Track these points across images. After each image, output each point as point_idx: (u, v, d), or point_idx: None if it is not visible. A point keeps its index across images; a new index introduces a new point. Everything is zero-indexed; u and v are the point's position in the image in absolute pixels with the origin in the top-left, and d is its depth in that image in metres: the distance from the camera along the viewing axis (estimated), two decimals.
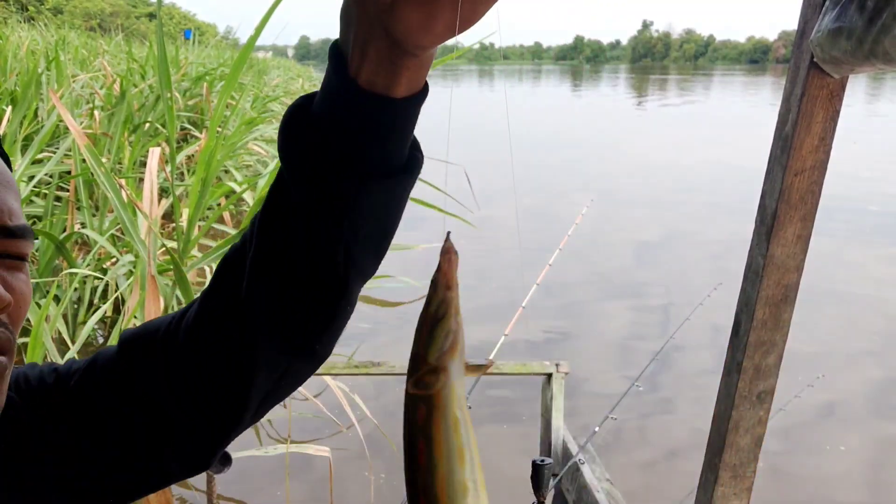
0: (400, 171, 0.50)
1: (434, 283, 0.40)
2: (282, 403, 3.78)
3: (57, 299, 3.84)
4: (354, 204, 0.49)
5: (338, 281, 0.52)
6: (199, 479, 3.04)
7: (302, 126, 0.49)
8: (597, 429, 2.30)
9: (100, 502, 0.59)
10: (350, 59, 0.46)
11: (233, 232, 4.14)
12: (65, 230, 4.56)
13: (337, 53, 0.47)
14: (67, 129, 4.32)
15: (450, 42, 0.46)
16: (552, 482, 2.42)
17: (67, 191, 4.92)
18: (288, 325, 0.54)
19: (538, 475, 1.55)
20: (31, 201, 4.90)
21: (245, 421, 0.59)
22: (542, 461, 1.55)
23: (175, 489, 3.13)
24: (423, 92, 0.48)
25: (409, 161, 0.51)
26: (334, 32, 0.48)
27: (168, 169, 4.51)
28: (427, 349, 0.39)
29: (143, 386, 0.57)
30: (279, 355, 0.55)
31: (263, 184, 4.81)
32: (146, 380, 0.57)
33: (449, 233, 0.41)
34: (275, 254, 0.52)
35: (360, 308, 5.47)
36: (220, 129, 5.63)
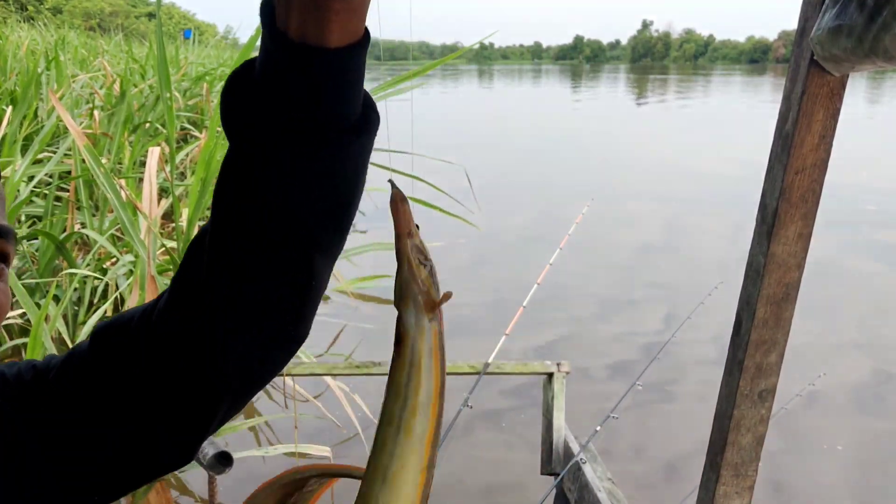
0: (348, 132, 0.47)
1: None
2: (283, 405, 3.79)
3: (56, 299, 3.84)
4: (302, 170, 0.46)
5: (300, 260, 0.50)
6: (201, 481, 3.04)
7: (242, 90, 0.47)
8: (598, 428, 2.30)
9: (87, 498, 0.57)
10: (277, 11, 0.44)
11: None
12: (65, 230, 4.56)
13: (267, 7, 0.45)
14: (67, 129, 4.32)
15: (449, 41, 0.45)
16: (554, 481, 2.42)
17: (67, 191, 4.92)
18: (253, 309, 0.51)
19: None
20: (32, 201, 4.90)
21: (224, 409, 0.56)
22: None
23: (175, 492, 3.13)
24: (363, 42, 0.45)
25: (361, 121, 0.48)
26: None
27: (168, 169, 4.51)
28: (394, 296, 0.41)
29: (119, 377, 0.55)
30: (249, 341, 0.53)
31: None
32: (121, 371, 0.55)
33: (391, 181, 0.41)
34: (231, 233, 0.49)
35: (361, 307, 5.48)
36: (219, 129, 5.63)
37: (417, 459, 0.40)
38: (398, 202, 0.40)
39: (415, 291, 0.40)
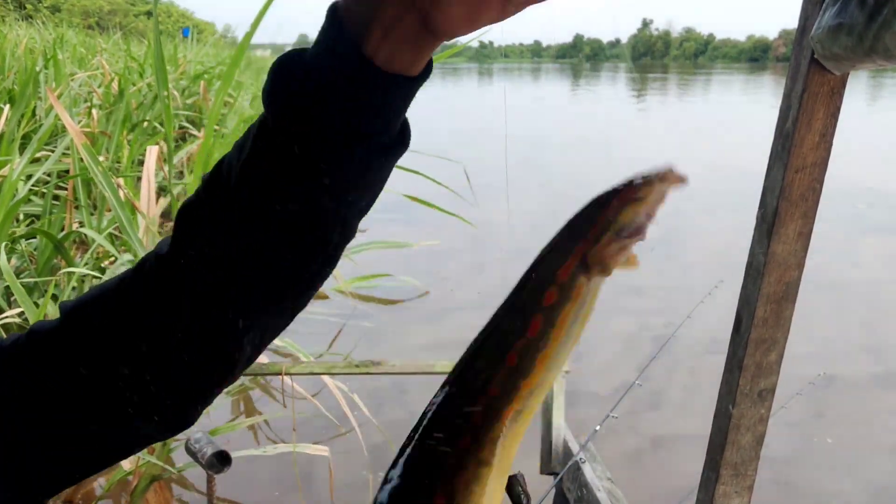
0: (398, 143, 0.49)
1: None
2: (282, 403, 3.78)
3: (55, 298, 3.83)
4: (341, 177, 0.47)
5: (328, 248, 0.51)
6: (200, 481, 3.04)
7: (297, 89, 0.46)
8: (598, 427, 2.30)
9: (65, 474, 0.56)
10: (368, 39, 0.44)
11: None
12: (63, 229, 4.55)
13: (342, 24, 0.44)
14: (66, 127, 4.31)
15: (449, 41, 0.45)
16: (553, 480, 2.42)
17: (66, 190, 4.90)
18: (264, 285, 0.51)
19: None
20: (30, 200, 4.89)
21: (228, 379, 0.56)
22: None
23: (175, 490, 3.13)
24: (430, 66, 0.47)
25: (402, 135, 0.50)
26: None
27: (166, 168, 4.51)
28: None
29: (103, 359, 0.53)
30: (257, 313, 0.53)
31: None
32: (106, 352, 0.53)
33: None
34: (260, 208, 0.48)
35: (360, 307, 5.47)
36: (218, 128, 5.62)
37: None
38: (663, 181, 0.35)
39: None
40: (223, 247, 0.50)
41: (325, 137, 0.46)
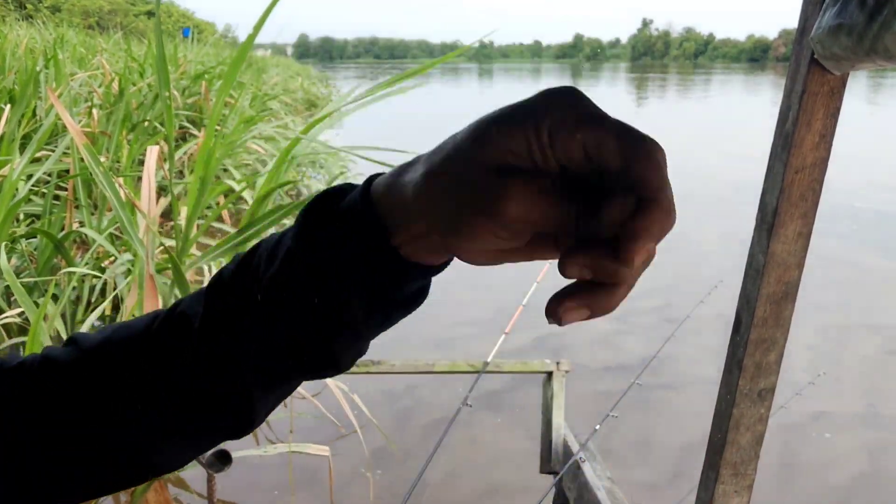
0: (413, 302, 0.49)
1: None
2: (283, 403, 3.79)
3: (55, 298, 3.83)
4: (366, 326, 0.49)
5: (339, 366, 0.52)
6: (199, 480, 3.04)
7: (322, 239, 0.46)
8: (598, 427, 2.30)
9: (65, 476, 0.56)
10: (394, 234, 0.44)
11: (231, 231, 4.13)
12: (63, 229, 4.56)
13: (374, 206, 0.45)
14: (66, 127, 4.32)
15: (449, 40, 0.45)
16: (553, 480, 2.42)
17: (66, 189, 4.91)
18: (278, 368, 0.53)
19: None
20: (30, 200, 4.89)
21: (262, 415, 0.58)
22: None
23: (173, 490, 3.13)
24: None
25: (419, 293, 0.50)
26: (333, 31, 0.45)
27: (167, 167, 4.51)
28: None
29: (121, 398, 0.54)
30: (271, 384, 0.55)
31: (262, 182, 4.81)
32: (126, 392, 0.54)
33: None
34: (279, 320, 0.49)
35: None
36: (218, 128, 5.62)
37: None
38: None
39: None
40: (242, 328, 0.51)
41: (339, 296, 0.47)
